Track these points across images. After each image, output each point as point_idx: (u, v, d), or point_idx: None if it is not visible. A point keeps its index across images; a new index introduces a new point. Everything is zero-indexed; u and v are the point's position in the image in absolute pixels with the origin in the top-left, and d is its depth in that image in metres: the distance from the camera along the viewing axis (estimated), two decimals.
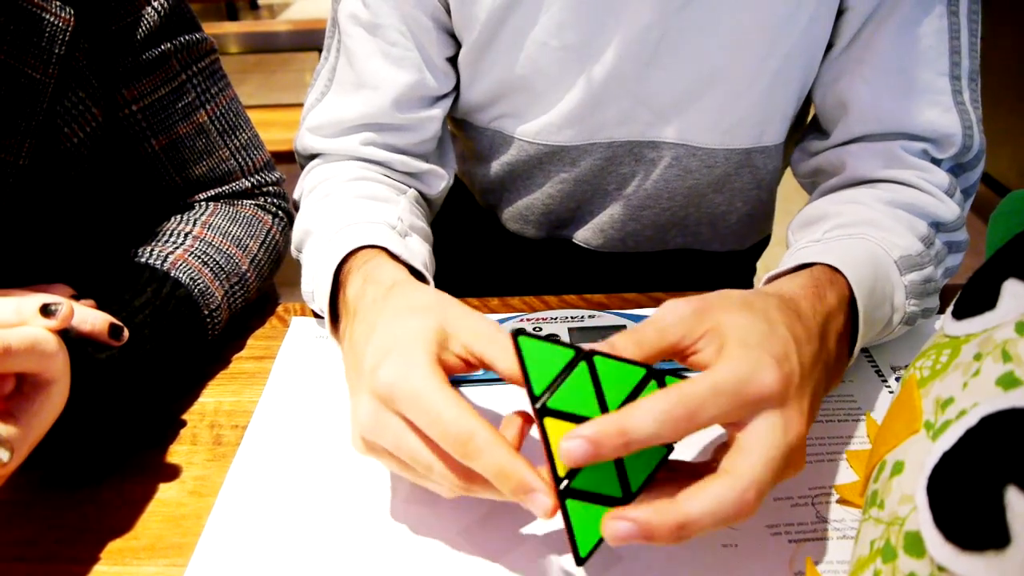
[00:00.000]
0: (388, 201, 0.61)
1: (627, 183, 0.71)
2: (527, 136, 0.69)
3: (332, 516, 0.45)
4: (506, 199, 0.78)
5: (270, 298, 0.68)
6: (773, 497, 0.46)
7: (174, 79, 0.59)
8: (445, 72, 0.66)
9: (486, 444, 0.35)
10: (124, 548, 0.44)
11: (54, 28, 0.50)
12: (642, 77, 0.63)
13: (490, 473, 0.36)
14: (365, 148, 0.65)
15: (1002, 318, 0.35)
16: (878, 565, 0.34)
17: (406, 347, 0.39)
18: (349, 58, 0.64)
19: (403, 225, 0.58)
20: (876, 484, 0.38)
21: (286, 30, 2.59)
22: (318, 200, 0.62)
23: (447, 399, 0.37)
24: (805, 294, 0.45)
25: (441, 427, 0.36)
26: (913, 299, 0.53)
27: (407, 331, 0.40)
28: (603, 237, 0.76)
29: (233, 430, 0.52)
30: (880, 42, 0.59)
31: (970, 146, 0.59)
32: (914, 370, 0.40)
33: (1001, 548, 0.28)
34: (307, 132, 0.67)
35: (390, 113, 0.64)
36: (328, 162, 0.66)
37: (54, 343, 0.40)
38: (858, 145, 0.62)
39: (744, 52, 0.61)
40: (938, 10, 0.58)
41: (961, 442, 0.32)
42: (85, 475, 0.48)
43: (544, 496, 0.35)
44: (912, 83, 0.59)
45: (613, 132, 0.67)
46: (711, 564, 0.42)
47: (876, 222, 0.54)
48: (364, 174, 0.64)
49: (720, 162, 0.69)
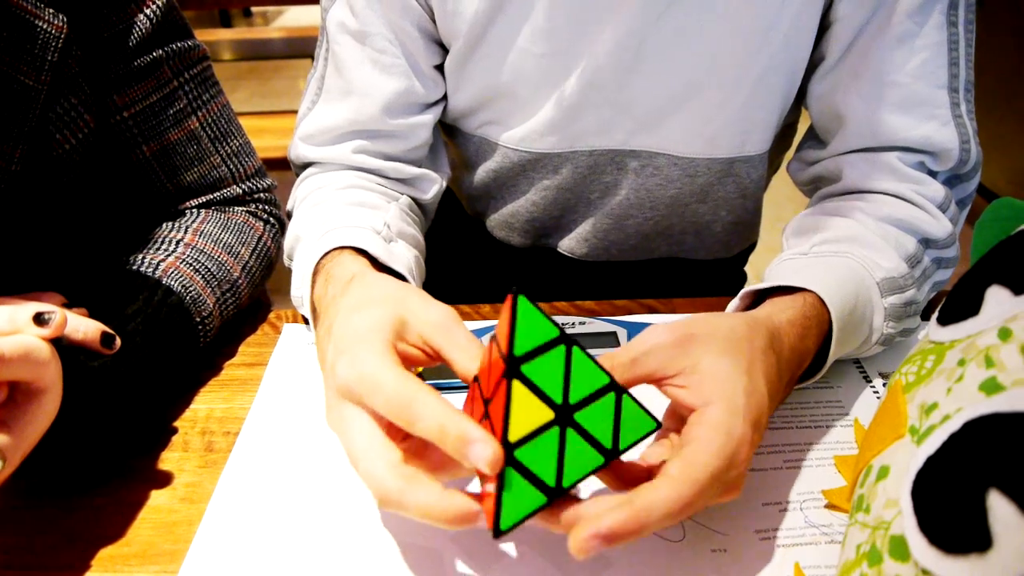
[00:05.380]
0: (377, 208, 0.62)
1: (610, 192, 0.72)
2: (511, 143, 0.69)
3: (323, 523, 0.45)
4: (492, 206, 0.78)
5: (262, 305, 0.68)
6: (762, 502, 0.46)
7: (166, 86, 0.59)
8: (433, 79, 0.66)
9: (426, 404, 0.35)
10: (115, 555, 0.44)
11: (47, 35, 0.50)
12: (623, 85, 0.63)
13: (433, 432, 0.35)
14: (357, 156, 0.65)
15: (985, 324, 0.35)
16: (864, 569, 0.34)
17: (361, 340, 0.39)
18: (338, 65, 0.65)
19: (389, 231, 0.59)
20: (862, 489, 0.38)
21: (279, 37, 2.60)
22: (309, 208, 0.62)
23: (392, 372, 0.36)
24: (792, 332, 0.46)
25: (383, 394, 0.36)
26: (892, 321, 0.53)
27: (363, 323, 0.40)
28: (587, 246, 0.77)
29: (225, 437, 0.52)
30: (876, 55, 0.58)
31: (967, 159, 0.59)
32: (900, 376, 0.41)
33: (984, 551, 0.28)
34: (299, 141, 0.68)
35: (380, 120, 0.64)
36: (322, 171, 0.66)
37: (47, 352, 0.40)
38: (856, 155, 0.62)
39: (724, 61, 0.61)
40: (936, 22, 0.57)
41: (945, 447, 0.32)
42: (76, 482, 0.48)
43: (486, 445, 0.33)
44: (910, 97, 0.58)
45: (594, 140, 0.68)
46: (700, 569, 0.42)
47: (863, 240, 0.55)
48: (356, 182, 0.64)
49: (702, 171, 0.69)
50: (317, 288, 0.51)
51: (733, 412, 0.38)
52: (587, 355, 0.37)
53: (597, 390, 0.37)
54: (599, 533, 0.34)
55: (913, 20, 0.57)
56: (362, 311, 0.41)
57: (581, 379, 0.36)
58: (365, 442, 0.37)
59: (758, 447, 0.46)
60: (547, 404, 0.35)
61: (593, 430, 0.37)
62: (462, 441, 0.34)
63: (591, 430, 0.37)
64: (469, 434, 0.34)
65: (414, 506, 0.35)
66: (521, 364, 0.35)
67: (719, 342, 0.41)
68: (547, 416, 0.35)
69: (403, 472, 0.35)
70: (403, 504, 0.35)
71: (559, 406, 0.36)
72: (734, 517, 0.45)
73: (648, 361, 0.40)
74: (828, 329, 0.49)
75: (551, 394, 0.35)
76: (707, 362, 0.40)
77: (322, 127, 0.66)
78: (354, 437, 0.37)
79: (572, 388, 0.36)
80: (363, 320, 0.40)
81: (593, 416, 0.37)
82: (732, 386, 0.39)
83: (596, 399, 0.37)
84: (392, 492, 0.35)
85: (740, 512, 0.45)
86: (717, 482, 0.36)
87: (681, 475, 0.36)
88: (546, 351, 0.35)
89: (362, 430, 0.37)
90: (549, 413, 0.35)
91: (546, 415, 0.35)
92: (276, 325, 0.64)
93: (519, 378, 0.35)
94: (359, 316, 0.41)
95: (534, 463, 0.35)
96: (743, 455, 0.37)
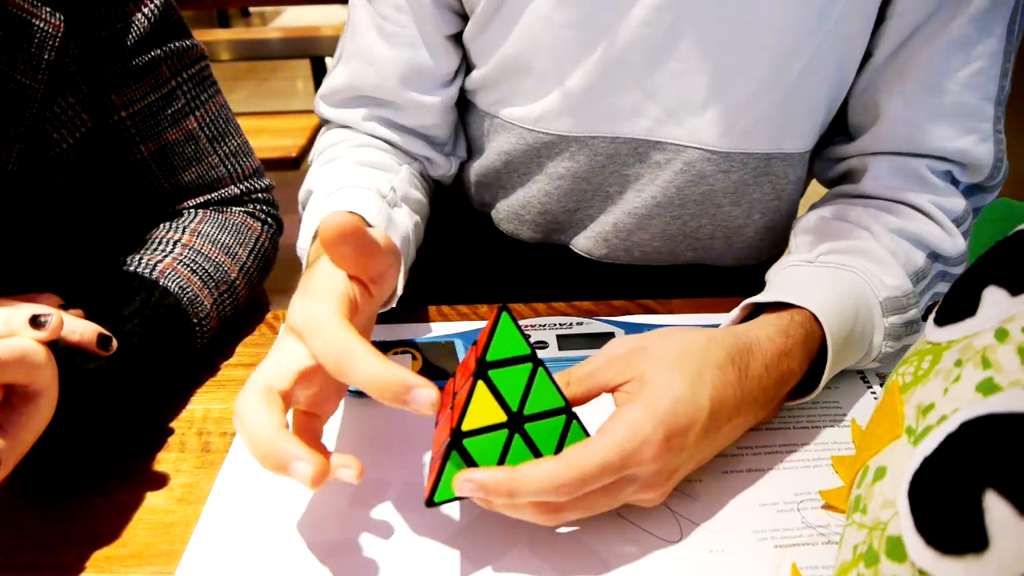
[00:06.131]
0: (388, 170, 0.63)
1: (630, 186, 0.67)
2: (526, 123, 0.66)
3: (320, 524, 0.45)
4: (501, 196, 0.74)
5: (259, 305, 0.68)
6: (759, 503, 0.46)
7: (164, 85, 0.59)
8: (444, 50, 0.65)
9: (364, 357, 0.37)
10: (111, 556, 0.44)
11: (44, 34, 0.50)
12: (652, 66, 0.59)
13: (370, 384, 0.37)
14: (367, 124, 0.67)
15: (982, 325, 0.35)
16: (861, 569, 0.34)
17: (322, 289, 0.41)
18: (351, 27, 0.66)
19: (395, 195, 0.60)
20: (859, 489, 0.38)
21: (277, 37, 2.60)
22: (323, 164, 0.64)
23: (336, 319, 0.39)
24: (770, 348, 0.46)
25: (323, 337, 0.38)
26: (891, 340, 0.53)
27: (327, 277, 0.42)
28: (607, 247, 0.72)
29: (221, 437, 0.52)
30: (927, 58, 0.55)
31: (996, 175, 0.57)
32: (897, 376, 0.41)
33: (980, 552, 0.28)
34: (319, 98, 0.70)
35: (381, 88, 0.65)
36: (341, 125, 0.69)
37: (43, 354, 0.40)
38: (883, 158, 0.59)
39: (767, 46, 0.57)
40: (998, 31, 0.53)
41: (941, 447, 0.32)
42: (73, 483, 0.48)
43: (426, 388, 0.36)
44: (956, 106, 0.55)
45: (617, 127, 0.63)
46: (698, 569, 0.42)
47: (871, 254, 0.53)
48: (370, 141, 0.66)
49: (736, 167, 0.64)
50: (315, 245, 0.53)
51: (647, 413, 0.40)
52: (550, 378, 0.41)
53: (551, 409, 0.41)
54: (472, 479, 0.37)
55: (975, 26, 0.53)
56: (328, 270, 0.43)
57: (539, 396, 0.40)
58: (276, 361, 0.40)
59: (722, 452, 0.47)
60: (503, 409, 0.40)
61: (538, 442, 0.41)
62: (403, 387, 0.36)
63: (536, 441, 0.40)
64: (409, 381, 0.36)
65: (246, 418, 0.37)
66: (489, 369, 0.39)
67: (668, 353, 0.43)
68: (501, 418, 0.40)
69: (269, 395, 0.38)
70: (241, 412, 0.38)
71: (513, 413, 0.40)
72: (731, 518, 0.45)
73: (601, 373, 0.43)
74: (820, 346, 0.48)
75: (509, 401, 0.40)
76: (651, 372, 0.42)
77: (334, 87, 0.68)
78: (275, 354, 0.41)
79: (529, 401, 0.40)
80: (328, 274, 0.43)
81: (541, 430, 0.41)
82: (662, 392, 0.41)
83: (548, 416, 0.41)
84: (244, 398, 0.38)
85: (737, 513, 0.45)
86: (607, 473, 0.38)
87: (568, 458, 0.38)
88: (514, 364, 0.40)
89: (286, 354, 0.40)
90: (503, 416, 0.40)
91: (500, 417, 0.40)
92: (273, 325, 0.64)
93: (485, 380, 0.39)
94: (327, 271, 0.43)
95: (478, 454, 0.39)
96: (646, 455, 0.39)
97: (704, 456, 0.44)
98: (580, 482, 0.37)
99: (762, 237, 0.72)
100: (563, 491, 0.37)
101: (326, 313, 0.39)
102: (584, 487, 0.38)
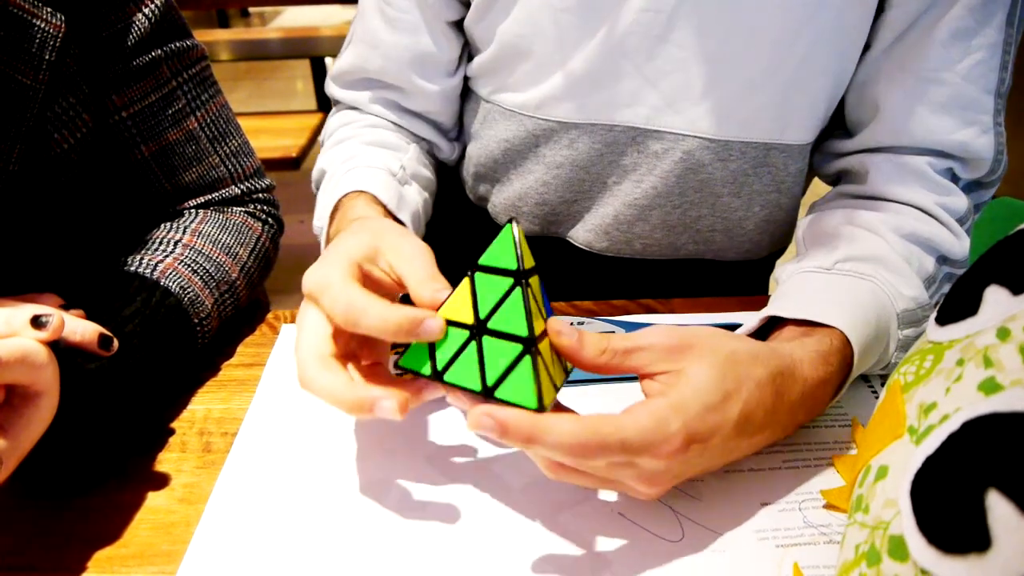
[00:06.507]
0: (397, 149, 0.66)
1: (628, 176, 0.67)
2: (525, 110, 0.66)
3: (321, 523, 0.45)
4: (498, 186, 0.74)
5: (260, 305, 0.68)
6: (761, 503, 0.46)
7: (164, 86, 0.59)
8: (447, 36, 0.66)
9: (370, 304, 0.40)
10: (113, 556, 0.44)
11: (44, 34, 0.50)
12: (652, 53, 0.59)
13: (380, 327, 0.39)
14: (373, 106, 0.69)
15: (984, 324, 0.35)
16: (863, 569, 0.34)
17: (331, 257, 0.44)
18: (360, 13, 0.68)
19: (404, 173, 0.62)
20: (861, 489, 0.38)
21: (277, 38, 2.60)
22: (334, 144, 0.67)
23: (341, 278, 0.41)
24: (813, 374, 0.46)
25: (330, 294, 0.41)
26: (900, 352, 0.52)
27: (341, 246, 0.45)
28: (608, 239, 0.71)
29: (223, 437, 0.52)
30: (927, 49, 0.55)
31: (996, 169, 0.57)
32: (898, 375, 0.41)
33: (983, 551, 0.28)
34: (330, 79, 0.73)
35: (384, 71, 0.67)
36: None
37: (44, 355, 0.40)
38: (884, 156, 0.59)
39: (766, 33, 0.57)
40: (998, 21, 0.53)
41: (943, 447, 0.32)
42: (74, 483, 0.48)
43: (433, 318, 0.39)
44: (955, 98, 0.55)
45: (615, 114, 0.63)
46: (699, 569, 0.42)
47: (889, 263, 0.53)
48: (378, 122, 0.69)
49: (735, 156, 0.63)
50: (334, 224, 0.56)
51: (676, 412, 0.39)
52: (525, 304, 0.39)
53: (512, 334, 0.39)
54: (494, 415, 0.37)
55: (974, 16, 0.53)
56: (346, 240, 0.46)
57: (507, 315, 0.40)
58: (308, 332, 0.42)
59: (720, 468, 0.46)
60: (473, 312, 0.40)
61: (488, 360, 0.40)
62: (412, 322, 0.39)
63: (486, 358, 0.40)
64: (417, 315, 0.39)
65: (320, 388, 0.40)
66: (478, 271, 0.41)
67: (711, 359, 0.41)
68: (468, 320, 0.40)
69: (324, 361, 0.41)
70: (312, 385, 0.40)
71: (479, 320, 0.40)
72: (733, 517, 0.45)
73: (641, 356, 0.42)
74: (849, 365, 0.48)
75: (480, 307, 0.40)
76: (690, 372, 0.41)
77: (342, 68, 0.70)
78: (303, 327, 0.43)
79: (495, 316, 0.40)
80: (341, 244, 0.45)
81: (495, 350, 0.40)
82: (695, 396, 0.40)
83: (507, 339, 0.39)
84: (307, 373, 0.41)
85: (739, 512, 0.45)
86: (624, 452, 0.37)
87: (592, 422, 0.37)
88: (499, 275, 0.40)
89: (311, 323, 0.43)
90: (471, 319, 0.40)
91: (468, 319, 0.40)
92: (274, 325, 0.64)
93: (471, 279, 0.41)
94: (341, 242, 0.46)
95: (439, 344, 0.41)
96: (662, 450, 0.38)
97: (713, 465, 0.43)
98: (597, 449, 0.37)
99: (763, 231, 0.72)
100: (578, 452, 0.37)
101: (332, 273, 0.42)
102: (598, 456, 0.37)
